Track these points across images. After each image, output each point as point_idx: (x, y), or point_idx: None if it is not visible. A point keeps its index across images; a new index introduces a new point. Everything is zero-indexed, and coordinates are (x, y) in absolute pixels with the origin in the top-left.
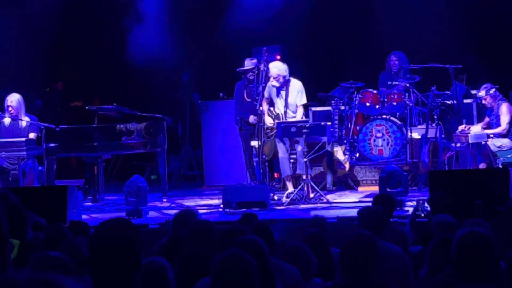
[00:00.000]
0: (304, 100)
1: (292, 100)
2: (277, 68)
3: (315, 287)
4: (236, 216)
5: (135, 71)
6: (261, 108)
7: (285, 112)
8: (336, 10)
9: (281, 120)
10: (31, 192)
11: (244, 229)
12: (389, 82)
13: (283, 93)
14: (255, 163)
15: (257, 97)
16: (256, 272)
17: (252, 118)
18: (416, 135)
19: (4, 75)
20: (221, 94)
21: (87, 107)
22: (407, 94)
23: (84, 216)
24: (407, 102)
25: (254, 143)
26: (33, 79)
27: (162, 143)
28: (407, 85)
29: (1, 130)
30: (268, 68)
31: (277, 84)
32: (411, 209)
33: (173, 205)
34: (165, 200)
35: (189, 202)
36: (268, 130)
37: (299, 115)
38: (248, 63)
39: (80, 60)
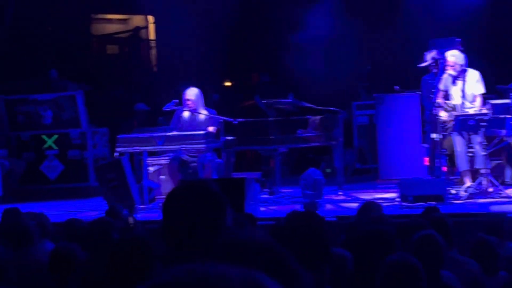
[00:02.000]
0: (481, 90)
1: (469, 90)
2: (454, 56)
3: (500, 281)
4: (413, 210)
5: (310, 65)
6: (437, 101)
7: (462, 103)
8: None
9: (457, 112)
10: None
11: (423, 223)
12: None
13: (459, 83)
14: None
15: (433, 90)
16: (423, 277)
17: (434, 110)
18: None
19: (182, 70)
20: (396, 87)
21: (263, 101)
22: None
23: (261, 209)
24: None
25: (434, 135)
26: (210, 73)
27: (337, 136)
28: None
29: (180, 123)
30: (445, 59)
31: (454, 73)
32: None
33: (348, 198)
34: (340, 193)
35: (364, 195)
36: (444, 124)
37: (477, 105)
38: (428, 57)
39: (254, 55)
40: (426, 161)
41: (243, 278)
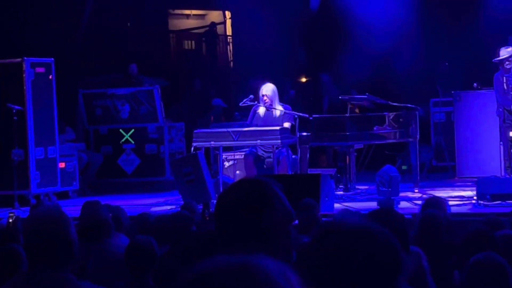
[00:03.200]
0: None
1: None
2: None
3: None
4: (491, 209)
5: (389, 61)
6: None
7: None
8: None
9: None
10: (285, 179)
11: (502, 222)
12: None
13: None
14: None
15: (510, 86)
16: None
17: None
18: None
19: (258, 65)
20: (475, 84)
21: (340, 97)
22: None
23: (336, 205)
24: None
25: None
26: (286, 69)
27: (414, 133)
28: None
29: (256, 118)
30: None
31: None
32: None
33: (424, 195)
34: (416, 190)
35: (441, 193)
36: None
37: None
38: (504, 52)
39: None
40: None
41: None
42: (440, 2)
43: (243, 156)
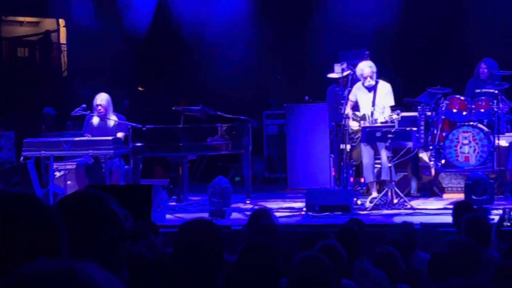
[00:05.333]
0: (391, 102)
1: (380, 101)
2: (369, 66)
3: None
4: (319, 220)
5: (223, 73)
6: (345, 112)
7: (372, 113)
8: (424, 15)
9: (367, 121)
10: (117, 190)
11: (326, 233)
12: (477, 90)
13: (370, 94)
14: (342, 167)
15: (342, 101)
16: (333, 275)
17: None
18: (503, 142)
19: (93, 74)
20: (306, 97)
21: (173, 108)
22: (495, 101)
23: (168, 216)
24: (495, 109)
25: (342, 146)
26: (121, 79)
27: (246, 145)
28: (496, 92)
29: (90, 128)
30: (354, 72)
31: (373, 82)
32: (496, 218)
33: (256, 207)
34: (248, 201)
35: (272, 205)
36: (353, 135)
37: (387, 115)
38: (339, 68)
39: (167, 62)
40: (334, 171)
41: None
42: (273, 16)
43: (74, 166)
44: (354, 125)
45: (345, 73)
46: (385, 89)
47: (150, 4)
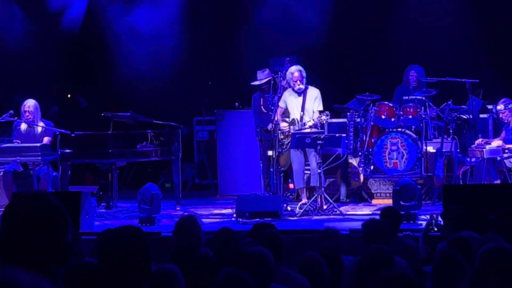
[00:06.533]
0: (320, 107)
1: (309, 106)
2: (298, 70)
3: None
4: (249, 226)
5: (153, 79)
6: (276, 118)
7: (301, 117)
8: (352, 22)
9: (297, 125)
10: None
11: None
12: (405, 97)
13: (299, 99)
14: (270, 173)
15: (272, 107)
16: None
17: (271, 126)
18: (431, 149)
19: (21, 80)
20: (236, 103)
21: (102, 114)
22: (423, 108)
23: (96, 223)
24: (423, 116)
25: (271, 153)
26: (50, 85)
27: (176, 151)
28: (423, 98)
29: (17, 135)
30: (285, 77)
31: (303, 87)
32: (424, 223)
33: (186, 213)
34: (178, 208)
35: (202, 211)
36: (284, 140)
37: (315, 118)
38: (261, 75)
39: (98, 67)
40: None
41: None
42: (204, 21)
43: (1, 172)
44: (283, 125)
45: (264, 80)
46: (314, 94)
47: (79, 9)
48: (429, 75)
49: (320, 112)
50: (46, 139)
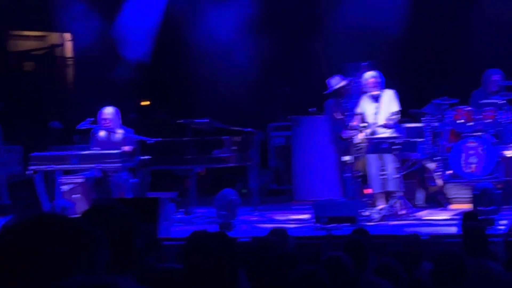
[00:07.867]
0: (395, 107)
1: (384, 110)
2: (373, 76)
3: None
4: (327, 232)
5: (229, 86)
6: (353, 123)
7: (376, 123)
8: (429, 27)
9: (372, 132)
10: (124, 203)
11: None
12: (482, 101)
13: (376, 105)
14: (347, 179)
15: (346, 113)
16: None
17: (346, 133)
18: (510, 153)
19: (100, 88)
20: (312, 109)
21: (180, 121)
22: (501, 112)
23: (175, 229)
24: (501, 120)
25: (347, 158)
26: (128, 92)
27: (253, 157)
28: (505, 102)
29: (97, 142)
30: (361, 83)
31: (377, 92)
32: (503, 228)
33: (263, 218)
34: (255, 214)
35: (279, 216)
36: (360, 144)
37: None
38: (333, 82)
39: (174, 75)
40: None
41: None
42: (280, 26)
43: (82, 179)
44: (360, 136)
45: (338, 85)
46: (388, 96)
47: (153, 19)
48: (507, 79)
49: (393, 113)
50: (126, 148)
